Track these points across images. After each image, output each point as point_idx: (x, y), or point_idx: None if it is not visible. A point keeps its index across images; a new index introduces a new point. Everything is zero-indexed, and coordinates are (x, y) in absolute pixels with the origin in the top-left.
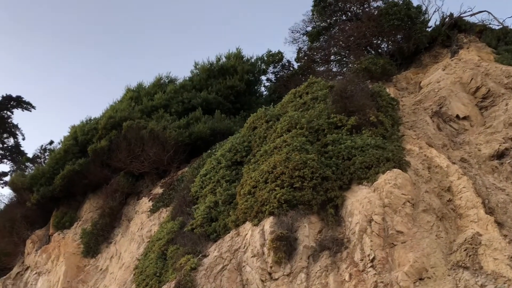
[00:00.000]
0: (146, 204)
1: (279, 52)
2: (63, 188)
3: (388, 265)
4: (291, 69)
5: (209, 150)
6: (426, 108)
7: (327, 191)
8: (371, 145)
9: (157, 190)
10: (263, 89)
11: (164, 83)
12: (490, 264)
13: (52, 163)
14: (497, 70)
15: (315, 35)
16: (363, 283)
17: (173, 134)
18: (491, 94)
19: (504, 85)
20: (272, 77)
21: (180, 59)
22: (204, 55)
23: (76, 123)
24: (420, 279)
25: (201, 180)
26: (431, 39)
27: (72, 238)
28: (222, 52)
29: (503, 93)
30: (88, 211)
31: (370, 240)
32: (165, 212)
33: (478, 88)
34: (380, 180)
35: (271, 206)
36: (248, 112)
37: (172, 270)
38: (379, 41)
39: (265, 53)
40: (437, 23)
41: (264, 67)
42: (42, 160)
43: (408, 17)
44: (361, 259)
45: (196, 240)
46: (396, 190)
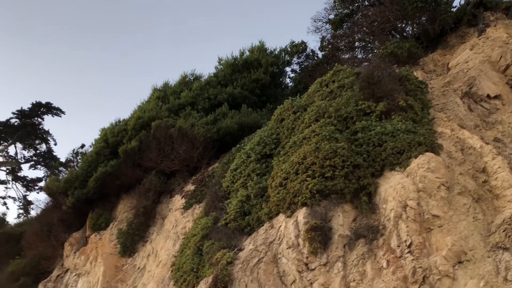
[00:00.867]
0: (179, 202)
1: (303, 42)
2: (97, 190)
3: (426, 250)
4: (316, 59)
5: (238, 145)
6: (456, 89)
7: (359, 179)
8: (402, 130)
9: (189, 187)
10: (288, 81)
11: (190, 81)
12: None
13: (85, 166)
14: None
15: (338, 23)
16: (401, 269)
17: (201, 131)
18: None
19: None
20: (297, 68)
21: (202, 55)
22: (226, 50)
23: (106, 126)
24: (459, 263)
25: (232, 175)
26: (457, 19)
27: (109, 239)
28: (245, 46)
29: None
30: (123, 211)
31: (406, 226)
32: (198, 208)
33: (508, 66)
34: (413, 165)
35: (304, 197)
36: (275, 105)
37: (209, 265)
38: (404, 25)
39: (288, 44)
40: (462, 3)
41: (288, 58)
42: (75, 164)
43: None
44: (398, 245)
45: (231, 235)
46: (430, 174)
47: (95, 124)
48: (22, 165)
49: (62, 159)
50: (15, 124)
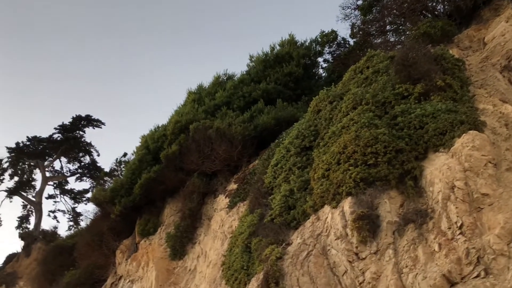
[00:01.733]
0: (223, 201)
1: (333, 31)
2: (143, 197)
3: (478, 230)
4: (347, 46)
5: (277, 140)
6: (494, 64)
7: (403, 164)
8: (443, 110)
9: (232, 186)
10: (322, 71)
11: (223, 81)
12: None
13: (129, 174)
14: None
15: (367, 8)
16: (454, 251)
17: (239, 129)
18: None
19: None
20: (329, 58)
21: (229, 53)
22: (255, 45)
23: (146, 133)
24: None
25: (273, 171)
26: None
27: (158, 243)
28: (275, 41)
29: None
30: (169, 215)
31: (456, 207)
32: (243, 207)
33: None
34: (457, 145)
35: (348, 187)
36: (310, 96)
37: (259, 262)
38: (434, 3)
39: (318, 34)
40: None
41: (320, 49)
42: (119, 173)
43: None
44: (449, 228)
45: (277, 230)
46: (475, 152)
47: (135, 132)
48: (69, 178)
49: (106, 169)
50: (58, 139)
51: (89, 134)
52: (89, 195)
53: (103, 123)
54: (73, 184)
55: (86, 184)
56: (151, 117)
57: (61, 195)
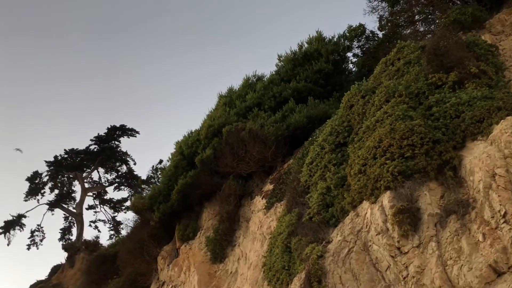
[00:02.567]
0: (260, 202)
1: (361, 25)
2: (180, 202)
3: None
4: (376, 39)
5: (310, 138)
6: None
7: (441, 154)
8: (478, 98)
9: (268, 187)
10: (351, 66)
11: (253, 82)
12: None
13: (166, 181)
14: None
15: None
16: (499, 241)
17: (272, 130)
18: None
19: None
20: (358, 52)
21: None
22: (282, 44)
23: (179, 139)
24: None
25: (309, 169)
26: None
27: (198, 248)
28: (303, 39)
29: None
30: (208, 219)
31: (498, 195)
32: (280, 207)
33: None
34: (496, 132)
35: (386, 181)
36: (341, 92)
37: (299, 261)
38: None
39: (346, 29)
40: None
41: (348, 44)
42: (156, 180)
43: None
44: (492, 216)
45: (316, 228)
46: None
47: (169, 138)
48: (107, 188)
49: (143, 177)
50: (95, 150)
51: (125, 144)
52: (128, 204)
53: (138, 132)
54: (112, 194)
55: (125, 193)
56: (184, 123)
57: (101, 205)
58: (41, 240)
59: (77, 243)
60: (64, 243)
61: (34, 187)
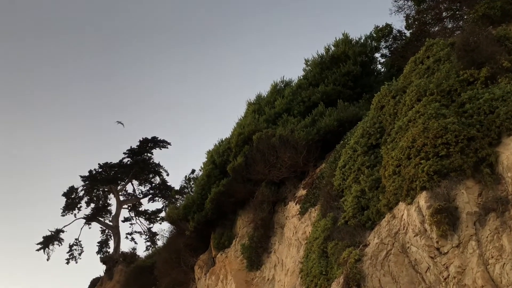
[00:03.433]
0: (294, 208)
1: (387, 25)
2: (214, 211)
3: None
4: (404, 39)
5: (341, 141)
6: None
7: (477, 151)
8: None
9: (301, 192)
10: (380, 67)
11: (281, 88)
12: None
13: (199, 190)
14: None
15: None
16: None
17: (302, 135)
18: None
19: None
20: (386, 52)
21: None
22: (308, 49)
23: (211, 148)
24: None
25: (342, 172)
26: None
27: (234, 255)
28: (329, 42)
29: None
30: (242, 227)
31: None
32: (314, 212)
33: None
34: None
35: (421, 181)
36: (371, 94)
37: (337, 266)
38: None
39: (373, 30)
40: None
41: (375, 44)
42: (189, 190)
43: None
44: None
45: (352, 232)
46: None
47: (200, 148)
48: (142, 200)
49: (177, 187)
50: (128, 163)
51: (157, 155)
52: (163, 214)
53: (169, 143)
54: (147, 205)
55: (159, 204)
56: (215, 132)
57: (136, 217)
58: (80, 254)
59: (115, 256)
60: (102, 256)
61: (71, 202)
